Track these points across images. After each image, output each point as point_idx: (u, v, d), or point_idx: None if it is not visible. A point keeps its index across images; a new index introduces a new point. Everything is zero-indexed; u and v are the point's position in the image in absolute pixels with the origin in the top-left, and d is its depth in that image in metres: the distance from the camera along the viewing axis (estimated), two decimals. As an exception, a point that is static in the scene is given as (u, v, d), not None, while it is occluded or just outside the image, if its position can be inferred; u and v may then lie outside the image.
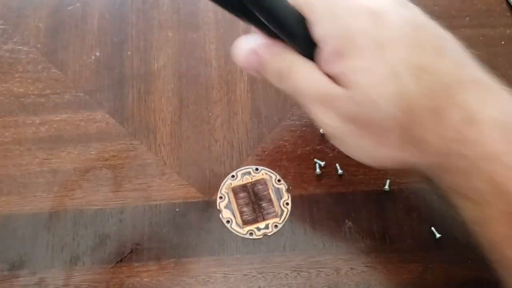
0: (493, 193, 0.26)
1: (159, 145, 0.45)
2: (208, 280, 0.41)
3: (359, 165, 0.44)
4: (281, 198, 0.43)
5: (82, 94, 0.47)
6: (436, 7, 0.51)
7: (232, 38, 0.49)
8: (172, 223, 0.43)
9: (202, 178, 0.44)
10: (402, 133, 0.28)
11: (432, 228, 0.42)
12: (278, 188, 0.44)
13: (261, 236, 0.42)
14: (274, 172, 0.44)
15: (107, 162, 0.45)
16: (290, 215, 0.43)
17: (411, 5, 0.30)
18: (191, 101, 0.47)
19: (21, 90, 0.47)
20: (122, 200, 0.43)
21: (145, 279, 0.41)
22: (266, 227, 0.42)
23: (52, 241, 0.42)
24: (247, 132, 0.46)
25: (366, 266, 0.41)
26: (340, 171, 0.44)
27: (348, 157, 0.45)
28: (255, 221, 0.43)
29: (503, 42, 0.49)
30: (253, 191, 0.44)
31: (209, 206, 0.43)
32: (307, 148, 0.45)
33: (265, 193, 0.43)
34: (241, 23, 0.50)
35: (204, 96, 0.47)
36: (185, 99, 0.47)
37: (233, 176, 0.44)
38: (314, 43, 0.30)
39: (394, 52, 0.27)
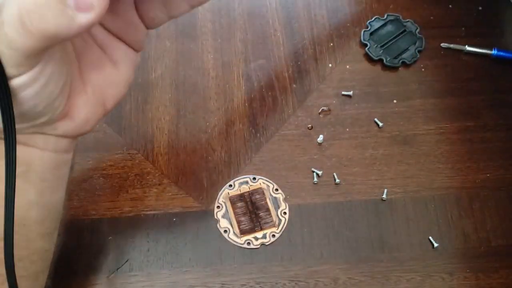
0: None
1: (156, 155, 0.45)
2: (206, 290, 0.41)
3: (356, 174, 0.45)
4: (278, 208, 0.43)
5: (79, 103, 0.47)
6: (432, 17, 0.51)
7: (230, 48, 0.50)
8: (169, 233, 0.42)
9: (199, 188, 0.44)
10: None
11: (430, 237, 0.42)
12: (275, 197, 0.44)
13: (258, 246, 0.42)
14: (271, 182, 0.44)
15: (104, 172, 0.44)
16: (287, 224, 0.43)
17: None
18: (188, 111, 0.47)
19: (18, 99, 0.47)
20: (119, 210, 0.43)
21: (142, 290, 0.41)
22: (264, 236, 0.42)
23: (48, 251, 0.42)
24: (245, 141, 0.46)
25: (364, 275, 0.41)
26: (337, 180, 0.44)
27: (346, 166, 0.45)
28: (252, 230, 0.42)
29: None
30: (251, 200, 0.43)
31: (206, 216, 0.43)
32: (305, 158, 0.45)
33: (263, 202, 0.43)
34: (238, 33, 0.50)
35: (201, 105, 0.47)
36: (183, 108, 0.47)
37: (230, 186, 0.44)
38: None
39: None
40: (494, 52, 0.48)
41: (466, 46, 0.49)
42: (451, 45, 0.49)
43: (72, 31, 0.22)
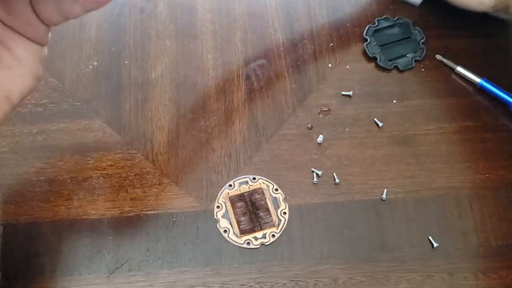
0: None
1: (156, 154, 0.45)
2: (205, 290, 0.41)
3: (356, 174, 0.45)
4: (278, 207, 0.43)
5: (79, 103, 0.47)
6: (432, 17, 0.51)
7: (230, 48, 0.50)
8: (169, 233, 0.42)
9: (199, 187, 0.44)
10: None
11: (430, 237, 0.42)
12: (275, 197, 0.44)
13: (258, 246, 0.42)
14: (271, 181, 0.44)
15: (104, 172, 0.44)
16: (287, 224, 0.43)
17: None
18: (188, 110, 0.47)
19: (18, 99, 0.47)
20: (119, 210, 0.43)
21: (141, 290, 0.40)
22: (264, 236, 0.42)
23: (48, 251, 0.41)
24: (244, 141, 0.46)
25: (365, 275, 0.41)
26: (337, 180, 0.44)
27: (346, 166, 0.45)
28: (252, 230, 0.42)
29: (498, 51, 0.50)
30: (251, 200, 0.43)
31: (206, 216, 0.43)
32: (305, 157, 0.45)
33: (263, 202, 0.43)
34: (238, 33, 0.50)
35: (201, 105, 0.47)
36: (182, 108, 0.47)
37: (230, 186, 0.44)
38: None
39: None
40: (480, 82, 0.47)
41: (458, 67, 0.48)
42: (444, 60, 0.49)
43: None
